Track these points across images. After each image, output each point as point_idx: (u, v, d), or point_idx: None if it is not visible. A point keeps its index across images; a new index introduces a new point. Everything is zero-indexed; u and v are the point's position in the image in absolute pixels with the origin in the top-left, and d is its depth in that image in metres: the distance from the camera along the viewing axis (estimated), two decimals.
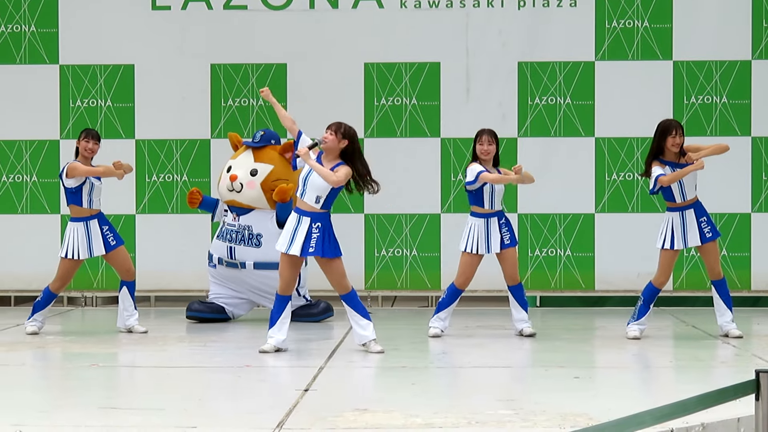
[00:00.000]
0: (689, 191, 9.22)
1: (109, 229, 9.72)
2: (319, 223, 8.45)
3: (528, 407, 6.39)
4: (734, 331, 9.35)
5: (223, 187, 10.67)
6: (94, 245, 9.63)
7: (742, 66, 11.81)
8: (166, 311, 11.80)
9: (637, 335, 9.33)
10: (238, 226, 10.56)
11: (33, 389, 7.42)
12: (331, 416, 6.11)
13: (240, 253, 10.53)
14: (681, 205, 9.22)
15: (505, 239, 9.34)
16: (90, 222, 9.62)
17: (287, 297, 8.61)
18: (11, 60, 12.05)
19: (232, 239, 10.58)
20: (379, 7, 11.96)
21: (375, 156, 11.79)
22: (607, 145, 11.86)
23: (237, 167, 10.63)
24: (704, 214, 9.25)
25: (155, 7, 12.01)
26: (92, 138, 9.65)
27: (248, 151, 10.69)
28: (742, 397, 5.16)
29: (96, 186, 9.64)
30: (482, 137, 9.33)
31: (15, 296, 12.32)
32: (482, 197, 9.30)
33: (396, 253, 11.97)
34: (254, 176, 10.55)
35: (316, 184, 8.44)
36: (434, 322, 9.59)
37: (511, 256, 9.42)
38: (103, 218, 9.72)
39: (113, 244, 9.70)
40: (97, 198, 9.68)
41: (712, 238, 9.25)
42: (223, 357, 8.79)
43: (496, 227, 9.30)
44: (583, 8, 11.84)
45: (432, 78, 11.93)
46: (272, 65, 11.98)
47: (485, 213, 9.32)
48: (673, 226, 9.20)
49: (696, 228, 9.20)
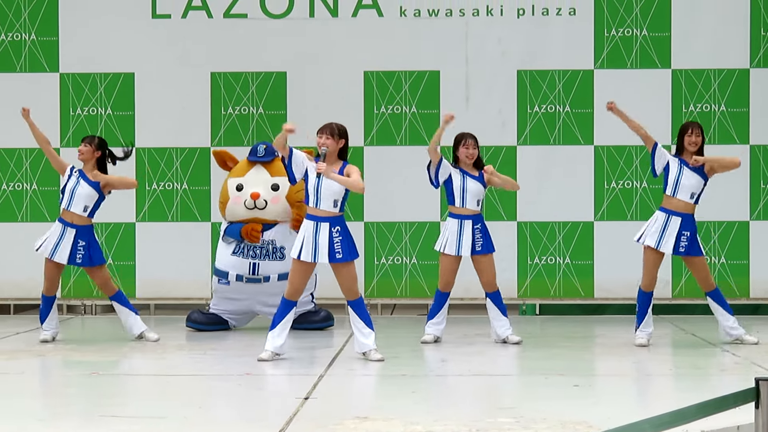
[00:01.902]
0: (682, 192, 9.23)
1: (85, 247, 9.53)
2: (338, 227, 8.47)
3: (528, 415, 6.39)
4: (748, 337, 9.43)
5: (240, 206, 10.48)
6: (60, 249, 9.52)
7: (740, 74, 11.83)
8: (166, 319, 11.79)
9: (643, 342, 9.37)
10: (263, 241, 10.46)
11: (32, 397, 7.43)
12: (331, 424, 6.12)
13: (264, 267, 10.43)
14: (672, 207, 9.26)
15: (477, 245, 9.37)
16: (68, 228, 9.54)
17: (293, 303, 8.62)
18: (11, 68, 12.06)
19: (256, 255, 10.46)
20: (379, 16, 11.98)
21: (375, 164, 11.85)
22: (606, 153, 11.88)
23: (253, 184, 10.50)
24: (690, 229, 9.23)
25: (155, 15, 12.04)
26: (82, 140, 9.75)
27: (257, 167, 10.59)
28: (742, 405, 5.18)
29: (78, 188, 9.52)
30: (468, 141, 9.40)
31: (14, 304, 12.32)
32: (452, 194, 9.39)
33: (396, 261, 11.98)
34: (276, 191, 10.48)
35: (331, 189, 8.44)
36: (428, 328, 9.64)
37: (484, 263, 9.44)
38: (84, 232, 9.55)
39: (78, 262, 9.58)
40: (81, 204, 9.54)
41: (685, 253, 9.28)
42: (223, 365, 8.80)
43: (469, 230, 9.34)
44: (582, 17, 11.87)
45: (432, 86, 11.95)
46: (272, 73, 12.00)
47: (458, 213, 9.38)
48: (654, 223, 9.29)
49: (674, 237, 9.21)
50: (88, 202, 9.60)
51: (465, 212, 9.39)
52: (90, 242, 9.62)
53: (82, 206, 9.59)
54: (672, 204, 9.29)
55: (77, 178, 9.62)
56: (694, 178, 9.24)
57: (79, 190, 9.57)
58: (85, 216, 9.61)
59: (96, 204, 9.66)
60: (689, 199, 9.26)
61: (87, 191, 9.58)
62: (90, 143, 9.71)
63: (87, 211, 9.61)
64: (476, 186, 9.39)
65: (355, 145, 11.78)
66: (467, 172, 9.40)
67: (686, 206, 9.26)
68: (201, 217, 11.86)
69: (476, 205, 9.40)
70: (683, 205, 9.26)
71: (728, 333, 9.46)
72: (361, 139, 11.87)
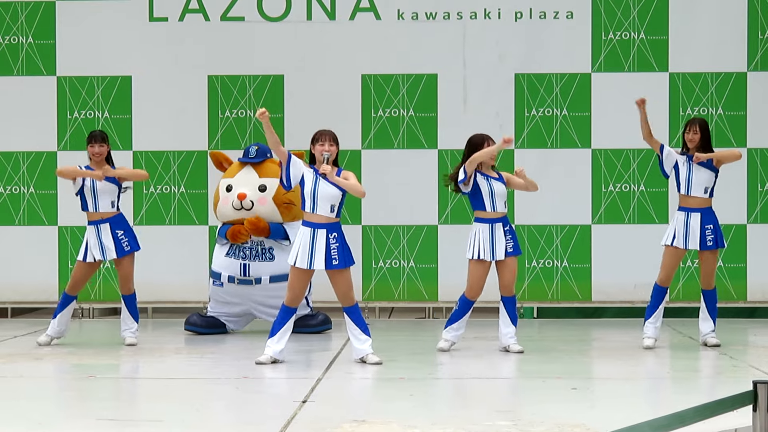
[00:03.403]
0: (696, 189, 9.32)
1: (125, 234, 9.67)
2: (336, 233, 8.46)
3: (526, 418, 6.39)
4: (711, 339, 9.52)
5: (228, 206, 10.54)
6: (106, 248, 9.61)
7: (737, 78, 11.84)
8: (164, 323, 11.79)
9: (650, 344, 9.43)
10: (251, 242, 10.50)
11: (30, 401, 7.41)
12: (329, 427, 6.11)
13: (255, 269, 10.45)
14: (689, 205, 9.35)
15: (508, 247, 9.16)
16: (101, 225, 9.61)
17: (293, 309, 8.61)
18: (8, 72, 12.06)
19: (246, 256, 10.49)
20: (377, 19, 11.99)
21: (372, 167, 11.85)
22: (603, 157, 11.88)
23: (241, 185, 10.55)
24: (712, 222, 9.37)
25: (152, 18, 12.03)
26: (95, 141, 9.68)
27: (247, 168, 10.64)
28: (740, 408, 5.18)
29: (99, 187, 9.58)
30: (491, 142, 9.15)
31: (12, 308, 12.31)
32: (482, 199, 9.12)
33: (393, 265, 11.98)
34: (264, 192, 10.50)
35: (329, 194, 8.44)
36: (445, 334, 9.38)
37: (511, 264, 9.23)
38: (118, 222, 9.67)
39: (126, 249, 9.67)
40: (107, 200, 9.61)
41: (712, 247, 9.34)
42: (221, 368, 8.79)
43: (501, 233, 9.12)
44: (580, 20, 11.87)
45: (429, 89, 11.95)
46: (269, 76, 12.00)
47: (489, 218, 9.12)
48: (675, 224, 9.38)
49: (698, 232, 9.33)
50: (113, 197, 9.67)
51: (495, 215, 9.13)
52: (126, 230, 9.72)
53: (108, 202, 9.64)
54: (688, 202, 9.40)
55: (91, 178, 9.62)
56: (704, 173, 9.34)
57: (101, 189, 9.60)
58: (114, 210, 9.67)
59: (119, 195, 9.72)
60: (704, 194, 9.37)
61: (109, 188, 9.62)
62: (104, 142, 9.70)
63: (114, 205, 9.68)
64: (501, 187, 9.17)
65: (353, 149, 11.80)
66: (488, 175, 9.18)
67: (702, 201, 9.38)
68: (198, 221, 11.85)
69: (504, 206, 9.18)
70: (699, 200, 9.38)
71: (701, 332, 9.58)
72: (359, 142, 11.87)
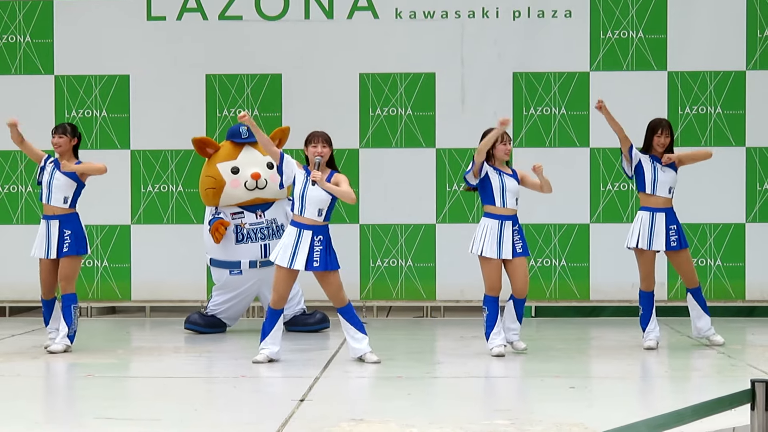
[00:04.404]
0: (661, 188, 9.30)
1: (71, 235, 9.19)
2: (321, 236, 8.44)
3: (524, 417, 6.39)
4: (716, 337, 9.48)
5: (240, 188, 10.46)
6: (50, 246, 9.22)
7: (736, 76, 11.83)
8: (162, 321, 11.79)
9: (652, 345, 9.39)
10: (266, 221, 10.49)
11: (28, 400, 7.40)
12: (327, 426, 6.11)
13: (273, 247, 10.23)
14: (653, 205, 9.32)
15: (517, 247, 8.95)
16: (51, 221, 9.25)
17: (279, 311, 8.60)
18: (6, 70, 12.04)
19: (264, 236, 10.48)
20: (375, 18, 11.98)
21: (370, 166, 11.85)
22: (601, 156, 11.87)
23: (249, 165, 10.49)
24: (675, 222, 9.36)
25: (150, 17, 12.02)
26: (55, 132, 9.38)
27: (247, 148, 10.59)
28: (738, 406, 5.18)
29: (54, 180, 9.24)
30: (505, 136, 8.94)
31: (10, 307, 12.31)
32: (491, 193, 8.92)
33: (391, 264, 11.97)
34: (272, 169, 10.43)
35: (317, 198, 8.42)
36: (493, 340, 8.98)
37: (522, 266, 9.01)
38: (69, 221, 9.23)
39: (65, 251, 9.18)
40: (59, 195, 9.23)
41: (676, 248, 9.32)
42: (219, 367, 8.79)
43: (509, 232, 8.91)
44: (578, 19, 11.86)
45: (427, 88, 11.94)
46: (267, 75, 11.99)
47: (498, 213, 8.92)
48: (640, 225, 9.33)
49: (663, 233, 9.30)
50: (67, 193, 9.28)
51: (505, 212, 8.94)
52: (75, 230, 9.26)
53: (61, 198, 9.26)
54: (652, 201, 9.37)
55: (52, 169, 9.32)
56: (669, 173, 9.37)
57: (56, 182, 9.26)
58: (66, 207, 9.29)
59: (76, 193, 9.32)
60: (668, 194, 9.37)
61: (64, 182, 9.26)
62: (64, 133, 9.36)
63: (67, 202, 9.29)
64: (513, 183, 8.99)
65: (351, 148, 11.79)
66: (502, 170, 9.02)
67: (666, 201, 9.37)
68: (196, 219, 11.83)
69: (515, 203, 9.00)
70: (663, 200, 9.36)
71: (698, 331, 9.55)
72: (357, 141, 11.87)
